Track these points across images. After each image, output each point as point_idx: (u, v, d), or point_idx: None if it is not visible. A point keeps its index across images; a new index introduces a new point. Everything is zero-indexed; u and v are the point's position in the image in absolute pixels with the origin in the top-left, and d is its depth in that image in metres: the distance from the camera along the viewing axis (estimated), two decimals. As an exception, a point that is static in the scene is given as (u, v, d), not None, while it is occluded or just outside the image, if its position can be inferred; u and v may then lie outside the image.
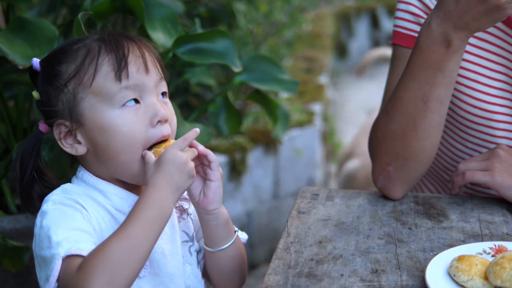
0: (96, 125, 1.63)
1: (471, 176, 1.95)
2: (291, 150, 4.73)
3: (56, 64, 1.66)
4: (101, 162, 1.68)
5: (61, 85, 1.64)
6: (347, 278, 1.62)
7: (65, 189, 1.68)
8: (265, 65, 2.96)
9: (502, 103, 2.03)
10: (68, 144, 1.67)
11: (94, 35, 1.72)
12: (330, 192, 2.07)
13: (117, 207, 1.68)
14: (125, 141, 1.63)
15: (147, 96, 1.66)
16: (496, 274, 1.54)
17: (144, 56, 1.67)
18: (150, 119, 1.64)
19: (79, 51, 1.66)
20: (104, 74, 1.63)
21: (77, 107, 1.64)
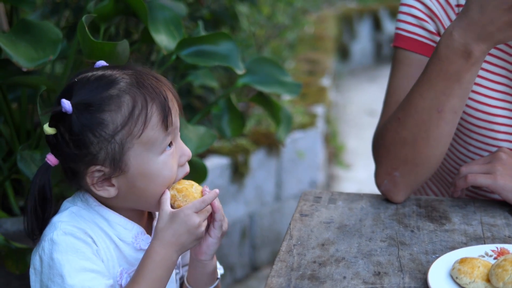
0: (140, 172, 1.66)
1: (473, 179, 1.95)
2: (294, 152, 4.74)
3: (98, 112, 1.62)
4: (124, 199, 1.70)
5: (108, 135, 1.62)
6: (349, 280, 1.63)
7: (72, 213, 1.69)
8: (268, 67, 2.96)
9: (504, 106, 2.03)
10: (100, 188, 1.67)
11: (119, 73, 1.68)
12: (332, 195, 2.07)
13: (121, 237, 1.72)
14: (165, 183, 1.69)
15: (177, 137, 1.72)
16: (498, 276, 1.54)
17: (175, 96, 1.72)
18: (179, 159, 1.72)
19: (122, 99, 1.63)
20: (154, 125, 1.64)
21: (123, 156, 1.64)
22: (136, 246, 1.73)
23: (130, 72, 1.69)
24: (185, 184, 1.73)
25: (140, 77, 1.68)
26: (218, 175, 4.09)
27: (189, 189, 1.72)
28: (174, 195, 1.71)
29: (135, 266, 1.71)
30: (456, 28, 1.80)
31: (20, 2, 2.46)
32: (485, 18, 1.75)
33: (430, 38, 2.05)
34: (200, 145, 2.60)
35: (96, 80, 1.66)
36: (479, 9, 1.75)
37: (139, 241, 1.74)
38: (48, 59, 2.26)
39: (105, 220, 1.70)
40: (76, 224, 1.66)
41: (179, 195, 1.70)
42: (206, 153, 4.15)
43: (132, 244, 1.73)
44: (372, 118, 2.10)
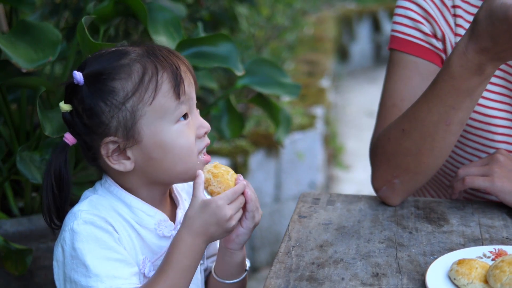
0: (155, 141, 1.65)
1: (471, 181, 1.95)
2: (293, 153, 4.74)
3: (108, 80, 1.63)
4: (142, 173, 1.69)
5: (118, 103, 1.62)
6: (348, 281, 1.63)
7: (92, 202, 1.68)
8: (267, 68, 2.96)
9: (501, 108, 2.03)
10: (116, 161, 1.66)
11: (131, 47, 1.70)
12: (331, 196, 2.08)
13: (143, 223, 1.70)
14: (183, 152, 1.67)
15: (193, 109, 1.71)
16: (496, 277, 1.54)
17: (189, 69, 1.71)
18: (197, 131, 1.70)
19: (132, 67, 1.64)
20: (165, 92, 1.64)
21: (135, 125, 1.63)
22: (159, 233, 1.72)
23: (143, 46, 1.70)
24: (222, 170, 1.71)
25: (152, 48, 1.69)
26: (217, 176, 4.09)
27: (225, 175, 1.70)
28: (209, 179, 1.68)
29: (158, 254, 1.71)
30: (469, 50, 1.75)
31: (19, 3, 2.47)
32: (498, 48, 1.72)
33: (425, 40, 2.05)
34: (199, 146, 2.59)
35: (109, 54, 1.68)
36: (491, 39, 1.71)
37: (162, 228, 1.72)
38: (47, 60, 2.27)
39: (127, 206, 1.69)
40: (96, 213, 1.64)
41: (214, 180, 1.68)
42: (206, 154, 4.14)
43: (155, 231, 1.71)
44: (371, 119, 2.11)
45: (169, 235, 1.73)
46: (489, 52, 1.74)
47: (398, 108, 2.04)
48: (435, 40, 2.05)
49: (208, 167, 1.71)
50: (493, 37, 1.71)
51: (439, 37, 2.05)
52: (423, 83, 1.98)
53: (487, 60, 1.75)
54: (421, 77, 2.03)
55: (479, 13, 1.73)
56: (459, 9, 2.04)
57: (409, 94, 2.03)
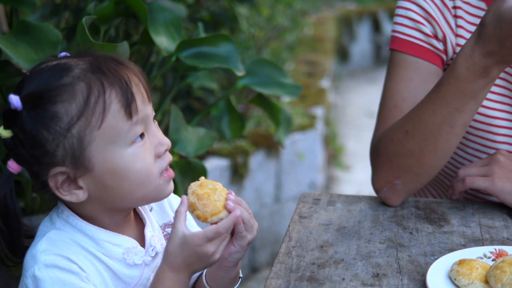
0: (108, 168, 1.48)
1: (471, 182, 1.95)
2: (293, 153, 4.74)
3: (49, 104, 1.45)
4: (99, 201, 1.53)
5: (63, 129, 1.45)
6: (348, 282, 1.63)
7: (51, 239, 1.51)
8: (267, 69, 2.96)
9: (502, 108, 2.03)
10: (66, 192, 1.50)
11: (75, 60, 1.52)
12: (331, 197, 2.08)
13: (110, 255, 1.56)
14: (141, 177, 1.51)
15: (150, 126, 1.54)
16: (496, 278, 1.54)
17: (142, 83, 1.53)
18: (156, 150, 1.54)
19: (76, 87, 1.46)
20: (115, 113, 1.46)
21: (84, 152, 1.46)
22: (129, 262, 1.58)
23: (88, 59, 1.51)
24: (208, 189, 1.57)
25: (97, 61, 1.50)
26: (217, 177, 4.10)
27: (212, 196, 1.57)
28: (194, 203, 1.55)
29: (131, 284, 1.59)
30: (475, 53, 1.75)
31: (20, 4, 2.46)
32: (505, 51, 1.72)
33: (426, 40, 2.05)
34: (199, 146, 2.60)
35: (49, 70, 1.49)
36: (498, 43, 1.71)
37: (132, 256, 1.58)
38: (48, 61, 2.27)
39: (90, 238, 1.54)
40: (57, 252, 1.49)
41: (199, 203, 1.55)
42: (206, 154, 4.15)
43: (125, 260, 1.57)
44: (371, 120, 2.11)
45: (140, 263, 1.60)
46: (496, 55, 1.74)
47: (399, 108, 2.04)
48: (436, 41, 2.05)
49: (193, 187, 1.57)
50: (500, 41, 1.71)
51: (439, 38, 2.05)
52: (424, 83, 1.98)
53: (493, 63, 1.75)
54: (422, 78, 2.03)
55: (487, 16, 1.73)
56: (460, 10, 2.04)
57: (410, 94, 2.03)
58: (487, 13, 1.73)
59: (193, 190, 1.57)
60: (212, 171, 3.91)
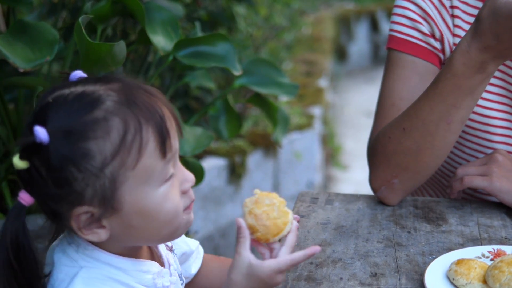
0: (137, 209, 1.36)
1: (469, 181, 1.95)
2: (291, 153, 4.74)
3: (81, 141, 1.31)
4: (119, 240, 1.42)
5: (95, 169, 1.31)
6: (346, 281, 1.63)
7: (86, 280, 1.39)
8: (265, 68, 2.96)
9: (499, 108, 2.03)
10: (88, 231, 1.37)
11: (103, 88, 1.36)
12: (329, 196, 2.07)
13: (142, 283, 1.46)
14: (169, 217, 1.40)
15: (177, 162, 1.43)
16: (494, 277, 1.54)
17: (173, 114, 1.42)
18: (182, 187, 1.43)
19: (110, 123, 1.32)
20: (150, 152, 1.34)
21: (116, 193, 1.33)
22: (159, 287, 1.49)
23: (117, 87, 1.37)
24: (265, 206, 1.47)
25: (130, 92, 1.37)
26: (215, 176, 4.10)
27: (271, 214, 1.46)
28: (253, 226, 1.45)
29: None
30: (472, 48, 1.76)
31: (17, 3, 2.46)
32: (502, 45, 1.72)
33: (424, 40, 2.05)
34: (197, 146, 2.59)
35: (76, 100, 1.34)
36: (494, 37, 1.71)
37: (160, 280, 1.49)
38: (45, 60, 2.26)
39: (120, 270, 1.43)
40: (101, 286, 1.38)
41: (259, 226, 1.45)
42: (203, 154, 4.15)
43: (155, 285, 1.49)
44: (369, 119, 2.11)
45: (168, 284, 1.51)
46: (493, 50, 1.74)
47: (397, 107, 2.03)
48: (434, 40, 2.04)
49: (249, 205, 1.47)
50: (497, 35, 1.71)
51: (437, 37, 2.05)
52: (422, 83, 1.98)
53: (490, 58, 1.76)
54: (420, 77, 2.03)
55: (482, 11, 1.73)
56: (457, 9, 2.03)
57: (407, 93, 2.03)
58: (483, 8, 1.74)
59: (249, 210, 1.47)
60: (209, 171, 3.91)
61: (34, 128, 1.29)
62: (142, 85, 1.41)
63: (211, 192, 4.12)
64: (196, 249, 1.75)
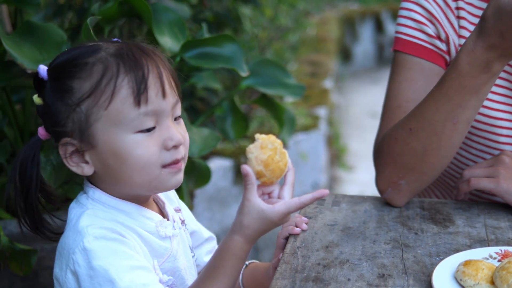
0: (109, 148, 1.55)
1: (476, 183, 1.95)
2: (296, 154, 4.74)
3: (68, 78, 1.55)
4: (112, 181, 1.60)
5: (73, 103, 1.53)
6: (354, 282, 1.63)
7: (91, 215, 1.58)
8: (271, 69, 2.96)
9: (505, 109, 2.03)
10: (74, 163, 1.58)
11: (107, 44, 1.60)
12: (336, 197, 2.07)
13: (145, 228, 1.63)
14: (139, 164, 1.56)
15: (163, 120, 1.58)
16: (502, 278, 1.54)
17: (162, 76, 1.57)
18: (165, 143, 1.57)
19: (94, 67, 1.54)
20: (123, 98, 1.53)
21: (90, 128, 1.54)
22: (161, 235, 1.65)
23: (119, 44, 1.61)
24: (269, 151, 1.59)
25: (125, 47, 1.58)
26: (221, 177, 4.10)
27: (274, 158, 1.58)
28: (260, 172, 1.57)
29: (164, 256, 1.65)
30: (477, 47, 1.77)
31: (24, 4, 2.47)
32: (507, 43, 1.73)
33: (429, 41, 2.05)
34: (203, 147, 2.60)
35: (82, 48, 1.59)
36: (499, 36, 1.73)
37: (163, 229, 1.65)
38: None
39: (124, 213, 1.61)
40: (101, 225, 1.55)
41: (266, 171, 1.57)
42: (210, 154, 4.15)
43: (158, 233, 1.65)
44: (374, 120, 2.12)
45: (171, 235, 1.68)
46: (498, 49, 1.75)
47: (403, 109, 2.04)
48: (439, 41, 2.05)
49: (254, 151, 1.59)
50: (501, 33, 1.72)
51: (443, 39, 2.05)
52: (428, 84, 1.98)
53: (495, 57, 1.77)
54: (426, 79, 2.03)
55: (487, 10, 1.74)
56: (462, 11, 2.04)
57: (414, 95, 2.03)
58: (488, 8, 1.75)
59: (255, 155, 1.58)
60: (215, 172, 3.91)
61: (39, 66, 1.58)
62: (143, 45, 1.61)
63: (216, 192, 4.12)
64: (209, 239, 1.92)
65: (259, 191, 1.63)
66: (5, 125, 2.55)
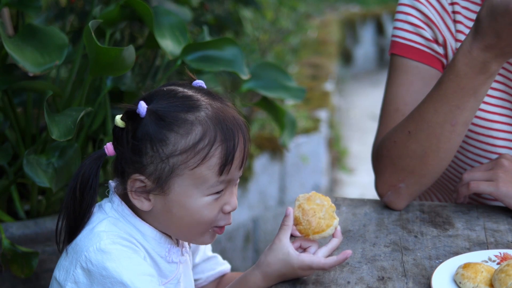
0: (180, 201, 1.64)
1: (475, 186, 1.95)
2: (297, 156, 4.74)
3: (166, 129, 1.61)
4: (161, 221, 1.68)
5: (164, 155, 1.61)
6: (353, 285, 1.63)
7: (111, 224, 1.66)
8: (272, 72, 2.97)
9: (501, 112, 2.04)
10: (137, 197, 1.65)
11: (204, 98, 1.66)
12: (336, 200, 2.08)
13: (156, 250, 1.70)
14: (200, 221, 1.66)
15: (230, 186, 1.69)
16: (501, 281, 1.55)
17: (245, 150, 1.68)
18: (224, 207, 1.68)
19: (193, 127, 1.60)
20: (211, 165, 1.61)
21: (169, 180, 1.62)
22: (168, 260, 1.72)
23: (217, 105, 1.66)
24: (315, 205, 1.65)
25: (223, 114, 1.64)
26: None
27: (317, 213, 1.64)
28: (298, 218, 1.64)
29: (168, 278, 1.72)
30: (474, 48, 1.79)
31: (26, 7, 2.48)
32: (502, 43, 1.75)
33: (427, 45, 2.05)
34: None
35: (182, 98, 1.64)
36: (495, 35, 1.75)
37: (171, 255, 1.73)
38: (54, 64, 2.27)
39: (140, 232, 1.68)
40: (118, 234, 1.63)
41: (303, 219, 1.64)
42: (210, 157, 4.15)
43: (166, 257, 1.72)
44: (375, 123, 2.11)
45: (177, 261, 1.75)
46: (494, 49, 1.77)
47: (401, 113, 2.04)
48: (436, 45, 2.05)
49: (301, 200, 1.66)
50: (496, 33, 1.75)
51: (440, 42, 2.05)
52: (425, 88, 1.99)
53: (492, 57, 1.79)
54: (423, 82, 2.04)
55: (481, 11, 1.77)
56: (459, 15, 2.04)
57: (411, 99, 2.04)
58: (482, 9, 1.77)
59: (299, 203, 1.66)
60: (216, 174, 3.91)
61: (139, 102, 1.61)
62: (238, 116, 1.69)
63: (217, 195, 4.12)
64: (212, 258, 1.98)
65: (297, 243, 1.68)
66: (6, 128, 2.55)
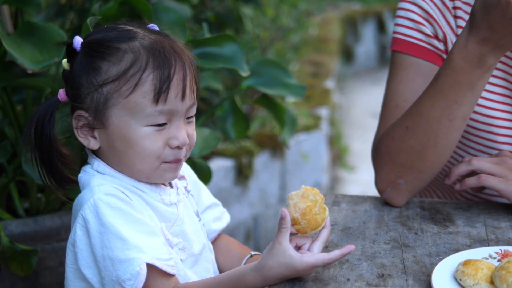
0: (119, 133, 1.63)
1: (485, 180, 1.92)
2: (298, 154, 4.74)
3: (98, 58, 1.62)
4: (115, 161, 1.68)
5: (97, 83, 1.62)
6: (353, 282, 1.63)
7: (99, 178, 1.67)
8: (272, 69, 2.96)
9: (503, 108, 2.03)
10: (83, 135, 1.67)
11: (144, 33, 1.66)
12: (336, 197, 2.08)
13: (151, 195, 1.70)
14: (143, 154, 1.64)
15: (175, 120, 1.66)
16: (502, 278, 1.54)
17: (186, 79, 1.65)
18: (170, 141, 1.65)
19: (125, 55, 1.61)
20: (144, 92, 1.60)
21: (106, 110, 1.63)
22: (166, 203, 1.72)
23: (155, 36, 1.66)
24: (309, 201, 1.63)
25: (159, 43, 1.64)
26: (222, 177, 4.10)
27: (313, 209, 1.62)
28: (296, 219, 1.61)
29: (172, 221, 1.71)
30: (470, 42, 1.79)
31: (25, 5, 2.47)
32: (497, 36, 1.76)
33: (427, 41, 2.05)
34: (204, 147, 2.60)
35: (119, 31, 1.67)
36: (488, 28, 1.75)
37: (167, 196, 1.72)
38: (53, 61, 2.27)
39: (127, 183, 1.68)
40: (112, 185, 1.64)
41: (302, 220, 1.62)
42: (211, 155, 4.15)
43: (162, 200, 1.71)
44: (376, 120, 2.11)
45: (175, 201, 1.74)
46: (489, 42, 1.77)
47: (401, 109, 2.04)
48: (437, 41, 2.05)
49: (295, 198, 1.63)
50: (490, 25, 1.75)
51: (440, 38, 2.05)
52: (425, 84, 1.98)
53: (488, 51, 1.79)
54: (423, 78, 2.04)
55: (475, 5, 1.78)
56: (459, 10, 2.04)
57: (411, 95, 2.03)
58: (475, 2, 1.78)
59: (294, 202, 1.63)
60: (216, 172, 3.91)
61: (75, 37, 1.65)
62: (178, 45, 1.68)
63: (218, 193, 4.12)
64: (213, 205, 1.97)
65: (293, 243, 1.64)
66: (6, 125, 2.55)
